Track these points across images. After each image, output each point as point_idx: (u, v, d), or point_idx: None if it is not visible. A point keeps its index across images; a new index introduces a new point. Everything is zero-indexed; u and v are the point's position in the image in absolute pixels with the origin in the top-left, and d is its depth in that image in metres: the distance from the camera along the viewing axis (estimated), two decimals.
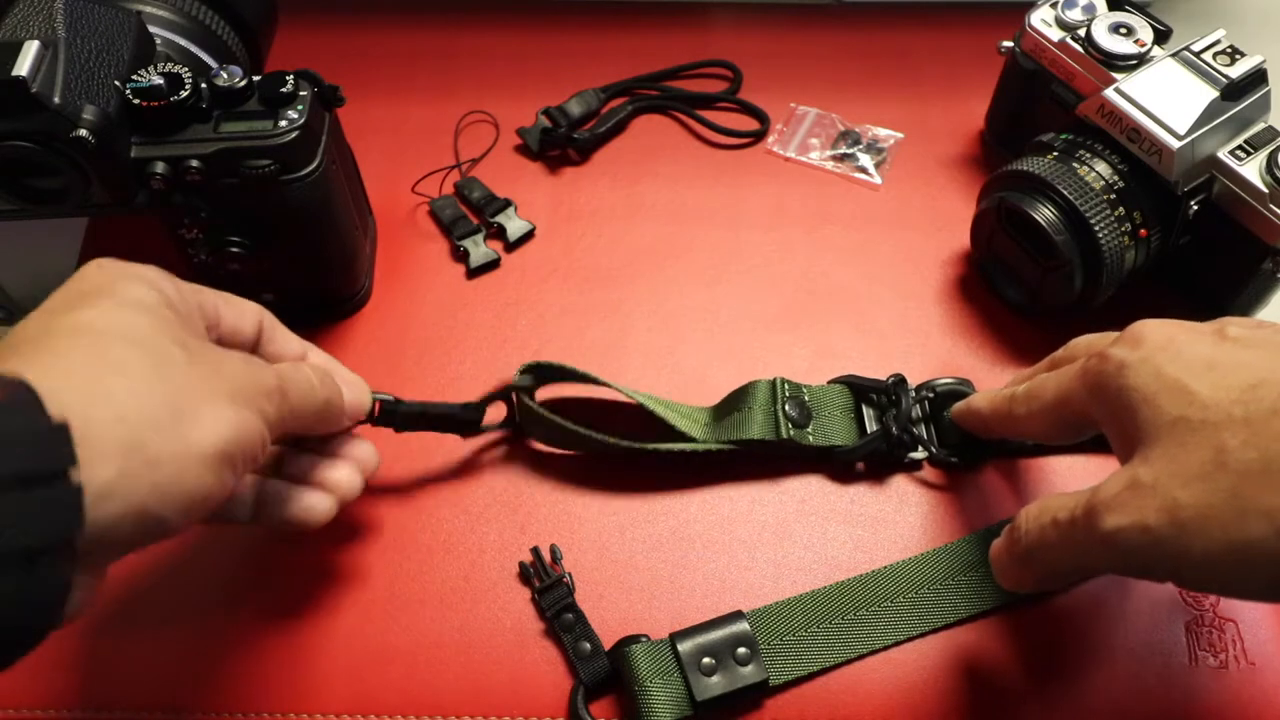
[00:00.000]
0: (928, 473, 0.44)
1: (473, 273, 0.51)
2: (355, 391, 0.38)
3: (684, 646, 0.38)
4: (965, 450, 0.44)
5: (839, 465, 0.44)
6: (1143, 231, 0.44)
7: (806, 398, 0.44)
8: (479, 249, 0.52)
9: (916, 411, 0.44)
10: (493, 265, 0.52)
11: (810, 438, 0.43)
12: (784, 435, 0.43)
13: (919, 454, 0.44)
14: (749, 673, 0.37)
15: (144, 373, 0.28)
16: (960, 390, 0.44)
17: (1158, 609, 0.40)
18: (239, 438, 0.29)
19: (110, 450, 0.26)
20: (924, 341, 0.49)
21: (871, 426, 0.44)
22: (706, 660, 0.37)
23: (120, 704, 0.38)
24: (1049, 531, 0.33)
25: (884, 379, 0.45)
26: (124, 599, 0.40)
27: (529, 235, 0.53)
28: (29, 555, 0.24)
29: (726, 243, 0.53)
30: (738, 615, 0.39)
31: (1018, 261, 0.47)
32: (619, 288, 0.51)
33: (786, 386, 0.44)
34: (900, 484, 0.44)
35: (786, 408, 0.43)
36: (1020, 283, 0.48)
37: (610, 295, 0.50)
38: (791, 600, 0.40)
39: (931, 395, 0.44)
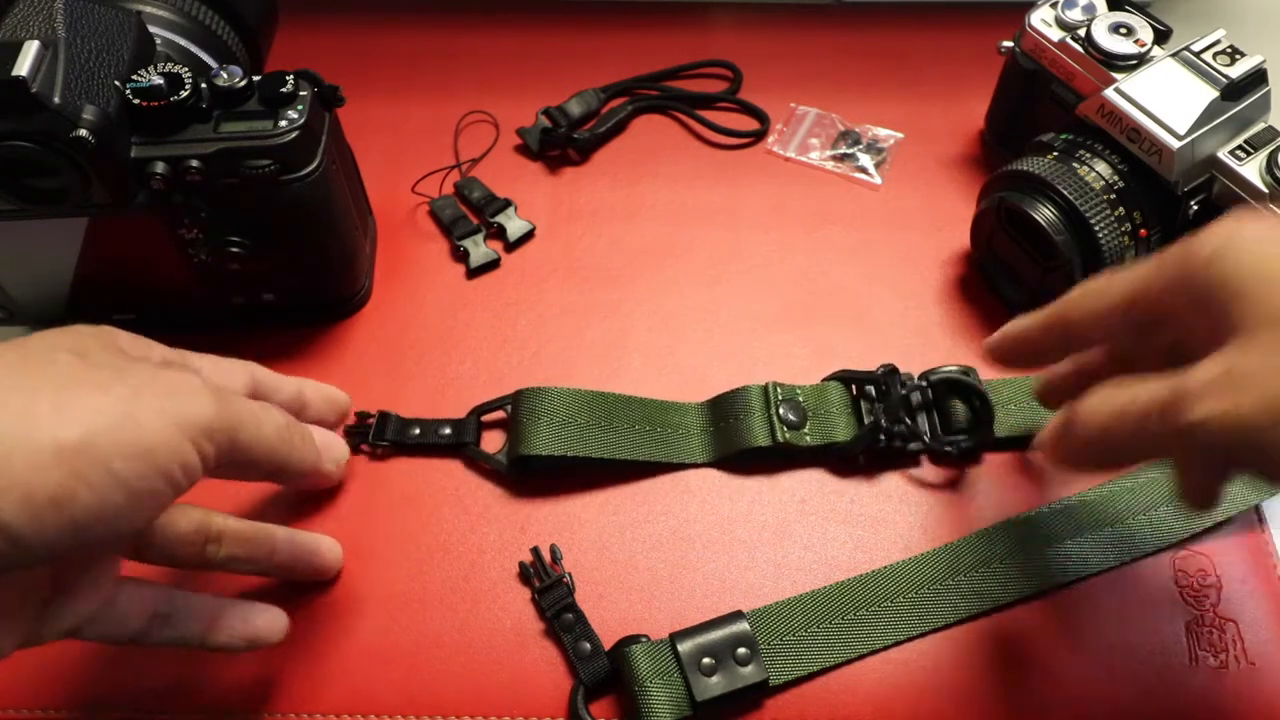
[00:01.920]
0: (928, 472, 0.44)
1: (473, 273, 0.51)
2: (329, 441, 0.38)
3: (684, 646, 0.38)
4: (969, 433, 0.44)
5: (837, 460, 0.44)
6: (1143, 231, 0.44)
7: (801, 398, 0.44)
8: (479, 249, 0.52)
9: (917, 398, 0.44)
10: (493, 265, 0.52)
11: (807, 438, 0.44)
12: (780, 439, 0.43)
13: (916, 445, 0.44)
14: (749, 673, 0.37)
15: (6, 363, 0.25)
16: (962, 379, 0.44)
17: (1158, 609, 0.40)
18: (115, 431, 0.24)
19: None
20: (924, 341, 0.49)
21: (869, 420, 0.44)
22: (706, 660, 0.37)
23: (120, 704, 0.38)
24: (1116, 424, 0.30)
25: (875, 369, 0.45)
26: None
27: (529, 235, 0.53)
28: None
29: (726, 243, 0.53)
30: (738, 615, 0.39)
31: (1018, 261, 0.47)
32: (619, 288, 0.51)
33: (779, 390, 0.44)
34: (900, 484, 0.44)
35: (781, 410, 0.44)
36: (1020, 282, 0.48)
37: (610, 295, 0.50)
38: (791, 600, 0.40)
39: (925, 383, 0.44)
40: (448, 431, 0.44)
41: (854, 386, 0.45)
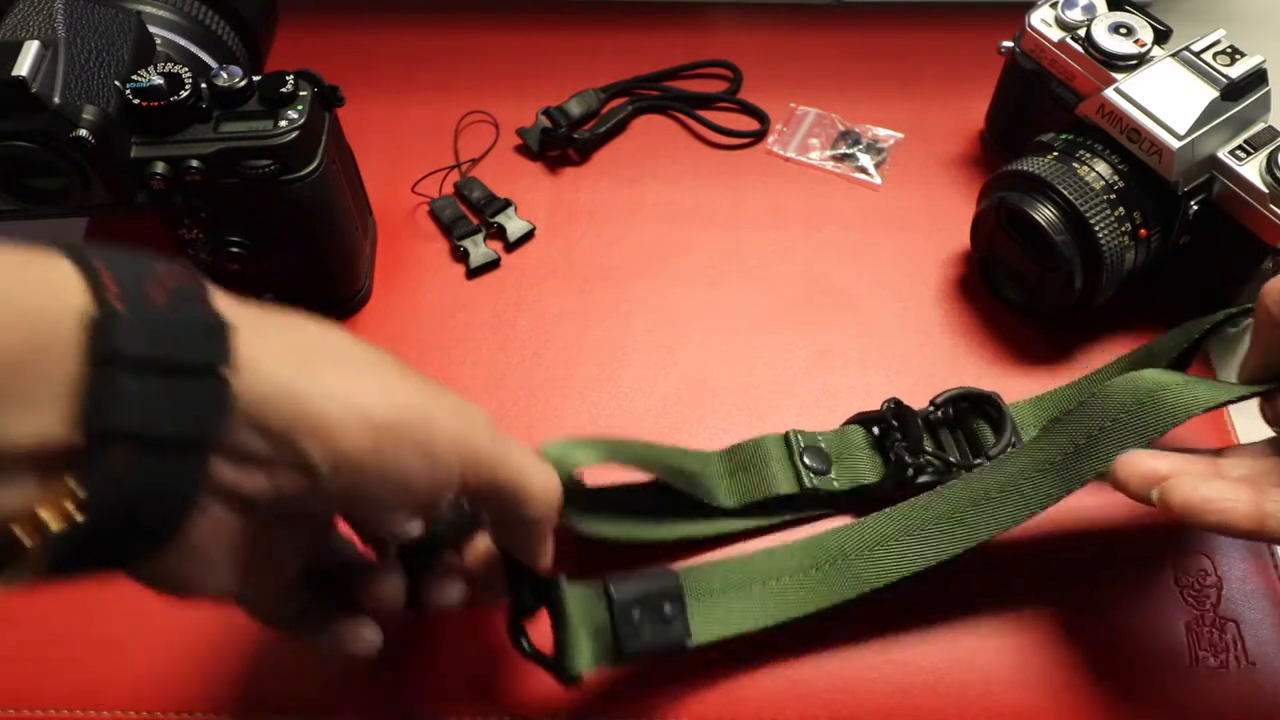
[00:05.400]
0: None
1: (473, 273, 0.51)
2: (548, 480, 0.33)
3: (617, 593, 0.36)
4: (998, 445, 0.42)
5: (867, 504, 0.42)
6: (1143, 231, 0.45)
7: (823, 444, 0.43)
8: (479, 249, 0.52)
9: (937, 416, 0.43)
10: (493, 265, 0.52)
11: (835, 483, 0.43)
12: (808, 485, 0.42)
13: (947, 472, 0.42)
14: (674, 631, 0.36)
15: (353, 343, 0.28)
16: (970, 389, 0.44)
17: (1158, 609, 0.40)
18: (413, 426, 0.27)
19: (277, 350, 0.26)
20: (924, 342, 0.49)
21: (894, 456, 0.42)
22: (635, 611, 0.36)
23: (120, 704, 0.38)
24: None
25: (880, 408, 0.43)
26: (124, 599, 0.40)
27: (529, 235, 0.53)
28: (161, 445, 0.23)
29: (726, 243, 0.53)
30: (669, 571, 0.38)
31: (1018, 261, 0.47)
32: (619, 288, 0.51)
33: (800, 437, 0.43)
34: None
35: (805, 459, 0.43)
36: (1020, 283, 0.48)
37: (610, 295, 0.51)
38: (722, 560, 0.39)
39: (934, 408, 0.43)
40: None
41: (872, 425, 0.44)
